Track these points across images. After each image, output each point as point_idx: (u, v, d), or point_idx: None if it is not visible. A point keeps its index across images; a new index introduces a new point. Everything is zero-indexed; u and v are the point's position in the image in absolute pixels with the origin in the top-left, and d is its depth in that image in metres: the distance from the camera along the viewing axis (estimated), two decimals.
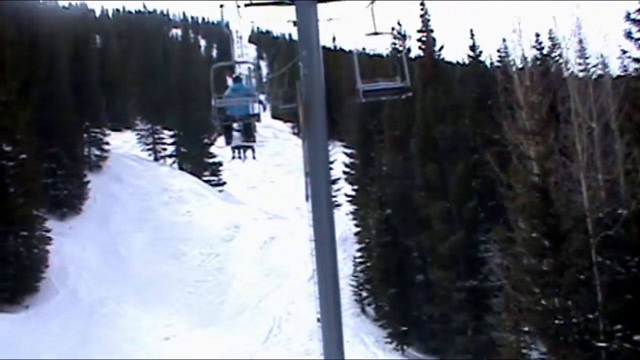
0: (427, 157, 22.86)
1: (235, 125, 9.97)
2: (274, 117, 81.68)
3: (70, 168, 35.98)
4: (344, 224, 34.27)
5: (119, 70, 62.31)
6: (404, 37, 30.89)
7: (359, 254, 30.00)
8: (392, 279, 24.67)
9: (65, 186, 35.52)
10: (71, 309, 25.97)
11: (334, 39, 75.61)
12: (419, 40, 24.89)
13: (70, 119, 36.67)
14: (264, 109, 10.20)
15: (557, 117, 17.37)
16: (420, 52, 25.12)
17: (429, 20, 24.23)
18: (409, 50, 31.21)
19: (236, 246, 32.45)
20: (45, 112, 33.52)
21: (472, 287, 21.82)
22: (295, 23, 5.42)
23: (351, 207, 34.75)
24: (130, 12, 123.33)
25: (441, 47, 24.47)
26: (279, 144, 66.78)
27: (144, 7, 62.41)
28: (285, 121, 76.58)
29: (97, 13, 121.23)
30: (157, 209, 37.39)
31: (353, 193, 34.53)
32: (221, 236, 33.36)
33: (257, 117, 9.34)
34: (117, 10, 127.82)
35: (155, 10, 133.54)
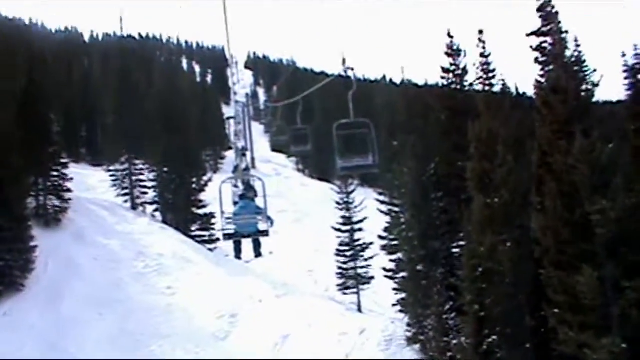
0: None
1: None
2: (274, 150, 72.45)
3: (11, 229, 26.66)
4: (382, 311, 25.08)
5: (101, 99, 53.54)
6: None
7: None
8: None
9: (2, 255, 26.21)
10: None
11: (344, 61, 66.89)
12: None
13: (12, 163, 27.43)
14: (272, 224, 11.78)
15: None
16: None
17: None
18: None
19: (233, 348, 22.86)
20: None
21: None
22: None
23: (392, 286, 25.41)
24: (122, 37, 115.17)
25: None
26: (281, 184, 56.68)
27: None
28: (289, 155, 67.40)
29: (87, 37, 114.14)
30: (128, 284, 27.89)
31: (394, 267, 25.26)
32: (212, 331, 23.78)
33: (266, 233, 11.46)
34: (108, 35, 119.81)
35: (147, 35, 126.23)
